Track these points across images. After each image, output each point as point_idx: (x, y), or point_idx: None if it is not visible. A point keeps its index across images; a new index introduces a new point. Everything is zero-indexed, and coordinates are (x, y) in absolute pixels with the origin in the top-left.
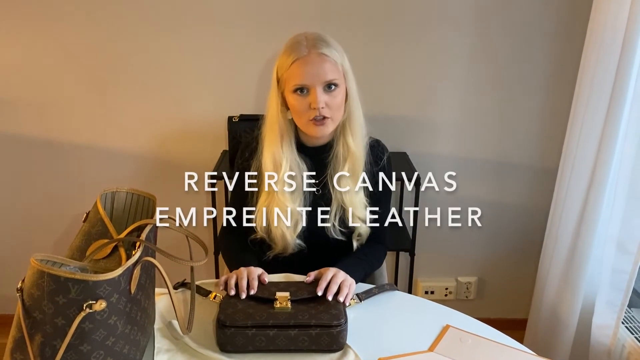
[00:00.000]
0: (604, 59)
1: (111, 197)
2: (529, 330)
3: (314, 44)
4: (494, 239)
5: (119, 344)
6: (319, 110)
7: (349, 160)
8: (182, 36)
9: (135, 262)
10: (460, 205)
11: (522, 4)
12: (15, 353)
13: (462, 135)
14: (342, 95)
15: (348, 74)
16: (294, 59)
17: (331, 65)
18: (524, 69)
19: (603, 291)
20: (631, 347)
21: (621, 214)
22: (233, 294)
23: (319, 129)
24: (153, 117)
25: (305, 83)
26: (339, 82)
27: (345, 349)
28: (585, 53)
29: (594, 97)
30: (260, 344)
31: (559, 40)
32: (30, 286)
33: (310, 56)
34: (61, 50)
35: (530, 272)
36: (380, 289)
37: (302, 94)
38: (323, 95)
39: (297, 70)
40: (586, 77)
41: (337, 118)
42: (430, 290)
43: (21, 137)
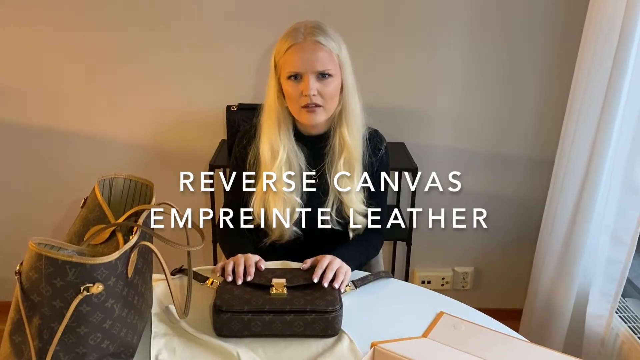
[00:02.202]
0: (601, 51)
1: (109, 183)
2: (524, 320)
3: (310, 31)
4: (491, 230)
5: (116, 327)
6: (310, 97)
7: (345, 152)
8: (181, 26)
9: (132, 246)
10: (458, 197)
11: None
12: (14, 335)
13: (459, 126)
14: (336, 85)
15: (344, 65)
16: (289, 44)
17: (326, 54)
18: (522, 61)
19: (597, 281)
20: (624, 336)
21: (616, 205)
22: (230, 280)
23: (310, 116)
24: (152, 106)
25: (299, 70)
26: (333, 72)
27: (340, 334)
28: (582, 46)
29: (591, 89)
30: (256, 329)
31: (556, 33)
32: (28, 269)
33: (306, 43)
34: (62, 40)
35: (526, 263)
36: (375, 276)
37: (296, 80)
38: (315, 83)
39: (291, 56)
40: (583, 69)
41: (330, 108)
42: (426, 280)
43: (21, 125)
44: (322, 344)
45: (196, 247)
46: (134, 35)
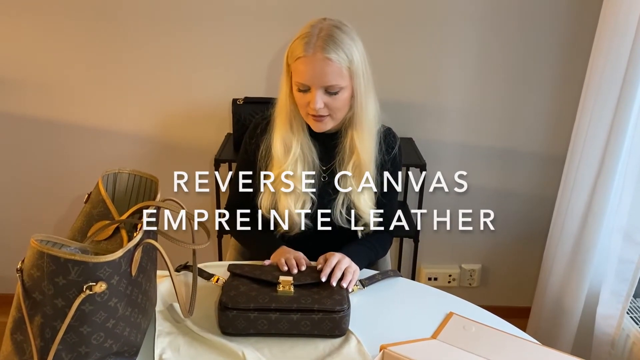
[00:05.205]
0: (616, 46)
1: (113, 178)
2: (532, 319)
3: (322, 45)
4: (499, 227)
5: (119, 326)
6: (317, 110)
7: (355, 156)
8: (187, 18)
9: (136, 244)
10: (466, 193)
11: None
12: (15, 333)
13: (469, 122)
14: (345, 97)
15: (356, 74)
16: (300, 55)
17: (335, 70)
18: (534, 57)
19: (608, 281)
20: (635, 337)
21: (629, 204)
22: (286, 269)
23: (317, 125)
24: (157, 99)
25: (306, 83)
26: (343, 84)
27: (347, 334)
28: (596, 40)
29: (606, 84)
30: (262, 328)
31: (569, 27)
32: (30, 267)
33: (315, 57)
34: (66, 33)
35: (534, 261)
36: (383, 275)
37: (304, 90)
38: (323, 97)
39: (300, 67)
40: (597, 64)
41: (339, 116)
42: (433, 277)
43: (25, 118)
44: (329, 344)
45: (202, 245)
46: (140, 27)
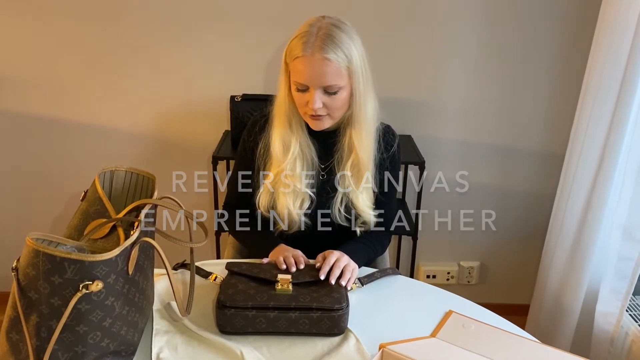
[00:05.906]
0: (616, 44)
1: (110, 176)
2: (531, 317)
3: (321, 45)
4: (498, 224)
5: (116, 325)
6: (315, 110)
7: (353, 155)
8: (184, 16)
9: (133, 243)
10: (466, 191)
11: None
12: (11, 333)
13: (468, 119)
14: (344, 96)
15: (355, 73)
16: (298, 54)
17: (334, 70)
18: (533, 55)
19: (608, 278)
20: (634, 335)
21: (628, 201)
22: (284, 267)
23: (316, 123)
24: (154, 97)
25: (305, 83)
26: (341, 84)
27: (346, 333)
28: (596, 38)
29: (605, 81)
30: (260, 326)
31: (568, 25)
32: (25, 265)
33: (314, 57)
34: (64, 31)
35: (533, 258)
36: (382, 273)
37: (302, 89)
38: (321, 97)
39: (299, 66)
40: (597, 62)
41: (337, 115)
42: (432, 275)
43: (22, 115)
44: (328, 342)
45: (199, 243)
46: (137, 25)
